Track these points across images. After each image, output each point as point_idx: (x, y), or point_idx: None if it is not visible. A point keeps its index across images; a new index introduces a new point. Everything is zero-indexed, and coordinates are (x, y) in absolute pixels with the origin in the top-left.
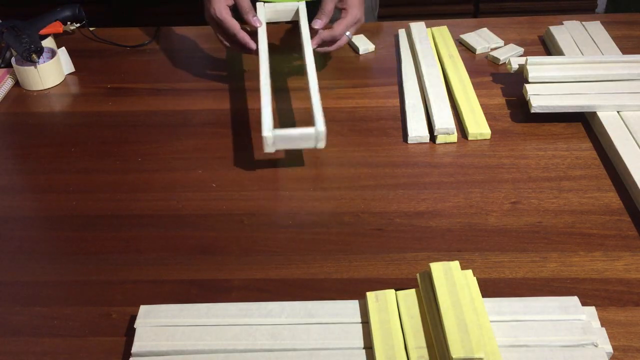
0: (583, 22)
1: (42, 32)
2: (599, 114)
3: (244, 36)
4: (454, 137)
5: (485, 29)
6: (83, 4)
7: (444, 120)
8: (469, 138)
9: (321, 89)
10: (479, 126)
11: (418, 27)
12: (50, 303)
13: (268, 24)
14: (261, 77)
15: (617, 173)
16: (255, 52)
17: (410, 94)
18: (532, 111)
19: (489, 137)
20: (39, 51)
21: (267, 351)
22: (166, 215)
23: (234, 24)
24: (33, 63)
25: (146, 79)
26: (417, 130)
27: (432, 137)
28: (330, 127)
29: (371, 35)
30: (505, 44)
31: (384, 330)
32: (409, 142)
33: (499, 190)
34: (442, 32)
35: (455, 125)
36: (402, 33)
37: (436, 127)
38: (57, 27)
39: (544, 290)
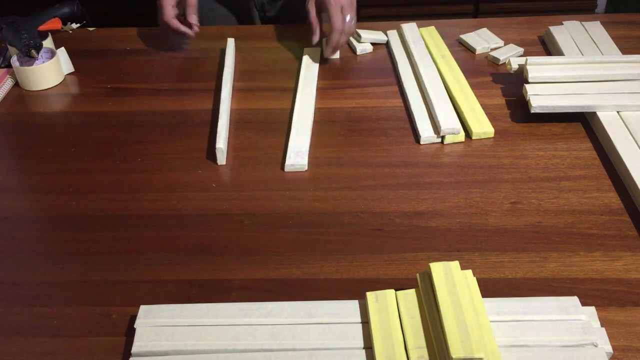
0: (583, 22)
1: (41, 28)
2: (599, 114)
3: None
4: (460, 137)
5: (485, 29)
6: (82, 3)
7: (449, 120)
8: (474, 137)
9: (321, 89)
10: (482, 125)
11: (410, 28)
12: (50, 303)
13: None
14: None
15: (617, 173)
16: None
17: (413, 95)
18: (532, 111)
19: (492, 135)
20: (38, 47)
21: (267, 351)
22: (166, 215)
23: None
24: (32, 59)
25: (146, 79)
26: (427, 131)
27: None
28: (330, 127)
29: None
30: (505, 44)
31: (384, 330)
32: (422, 142)
33: (499, 190)
34: (431, 33)
35: None
36: (393, 34)
37: (442, 128)
38: (56, 23)
39: (544, 290)
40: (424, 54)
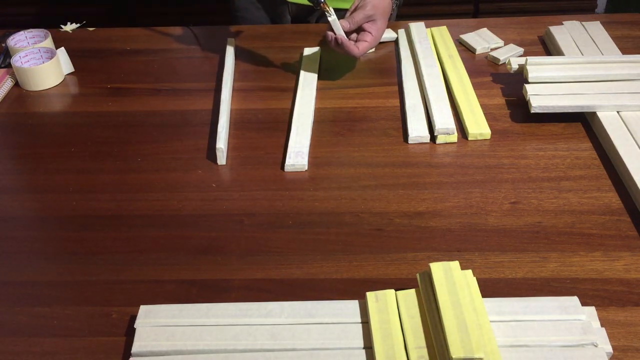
0: (583, 22)
1: None
2: (599, 114)
3: None
4: (454, 137)
5: (485, 29)
6: (83, 3)
7: (444, 120)
8: (469, 138)
9: (321, 89)
10: (479, 126)
11: (417, 27)
12: (50, 303)
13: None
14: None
15: (617, 173)
16: None
17: (410, 94)
18: (532, 111)
19: (489, 137)
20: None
21: (267, 351)
22: (166, 215)
23: None
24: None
25: (146, 79)
26: (417, 130)
27: (432, 137)
28: (330, 127)
29: None
30: (505, 44)
31: (384, 330)
32: (409, 142)
33: (499, 190)
34: (442, 32)
35: (455, 125)
36: (401, 33)
37: (436, 127)
38: None
39: (544, 290)
40: (428, 54)
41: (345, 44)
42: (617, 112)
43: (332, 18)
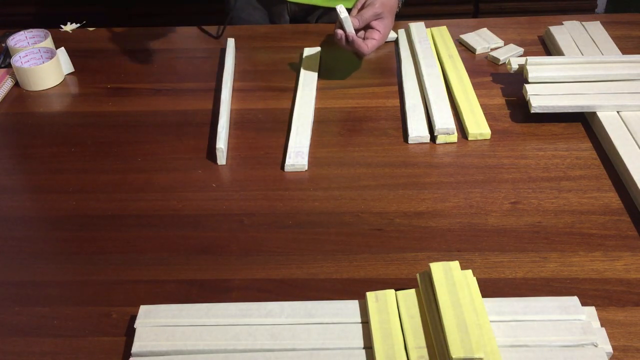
0: (583, 22)
1: None
2: (599, 114)
3: None
4: (454, 137)
5: (485, 29)
6: (82, 4)
7: (444, 120)
8: (469, 138)
9: (321, 89)
10: (479, 126)
11: (418, 27)
12: (50, 303)
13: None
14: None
15: (617, 173)
16: None
17: (410, 94)
18: (532, 111)
19: (489, 137)
20: None
21: (267, 351)
22: (166, 215)
23: None
24: None
25: (146, 79)
26: (417, 130)
27: (432, 137)
28: (330, 127)
29: None
30: (505, 44)
31: (384, 330)
32: (409, 142)
33: (499, 190)
34: (442, 32)
35: (456, 125)
36: (401, 33)
37: (436, 127)
38: None
39: (544, 290)
40: (428, 54)
41: (356, 42)
42: (617, 112)
43: (345, 15)
